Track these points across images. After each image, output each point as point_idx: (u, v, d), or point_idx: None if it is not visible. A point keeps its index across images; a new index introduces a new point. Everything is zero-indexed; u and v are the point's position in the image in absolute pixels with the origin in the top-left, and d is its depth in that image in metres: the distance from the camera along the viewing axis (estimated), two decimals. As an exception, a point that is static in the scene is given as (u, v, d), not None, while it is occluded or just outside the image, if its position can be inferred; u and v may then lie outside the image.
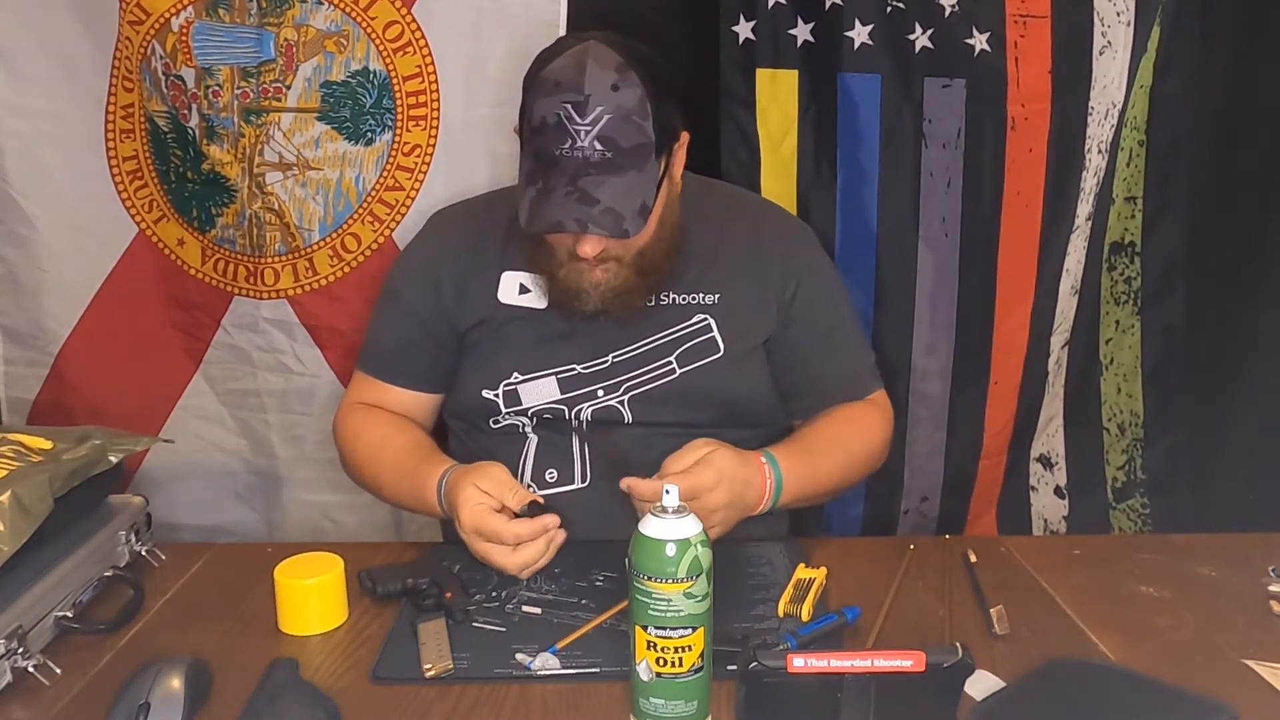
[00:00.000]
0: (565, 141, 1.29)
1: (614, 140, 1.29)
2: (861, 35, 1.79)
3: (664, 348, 1.47)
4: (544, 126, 1.30)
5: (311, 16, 1.78)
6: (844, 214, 1.87)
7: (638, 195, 1.32)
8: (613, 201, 1.30)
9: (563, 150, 1.29)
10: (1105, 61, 1.82)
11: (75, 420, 1.89)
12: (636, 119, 1.30)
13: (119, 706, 1.01)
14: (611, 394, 1.46)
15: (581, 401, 1.46)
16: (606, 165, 1.30)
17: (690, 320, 1.47)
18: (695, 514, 1.01)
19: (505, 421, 1.49)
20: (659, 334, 1.47)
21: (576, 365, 1.47)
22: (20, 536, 1.13)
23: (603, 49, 1.32)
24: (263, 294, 1.89)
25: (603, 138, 1.29)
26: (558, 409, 1.47)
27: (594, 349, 1.47)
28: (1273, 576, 1.29)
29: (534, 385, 1.47)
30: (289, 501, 1.98)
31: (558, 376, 1.47)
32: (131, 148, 1.86)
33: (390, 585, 1.27)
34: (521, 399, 1.47)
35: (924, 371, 1.94)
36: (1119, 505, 2.08)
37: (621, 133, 1.29)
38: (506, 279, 1.50)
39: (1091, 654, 1.15)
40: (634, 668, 0.99)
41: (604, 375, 1.47)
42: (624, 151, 1.30)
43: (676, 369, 1.46)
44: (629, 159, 1.30)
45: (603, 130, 1.29)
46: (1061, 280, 1.92)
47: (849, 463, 1.51)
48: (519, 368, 1.47)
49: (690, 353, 1.46)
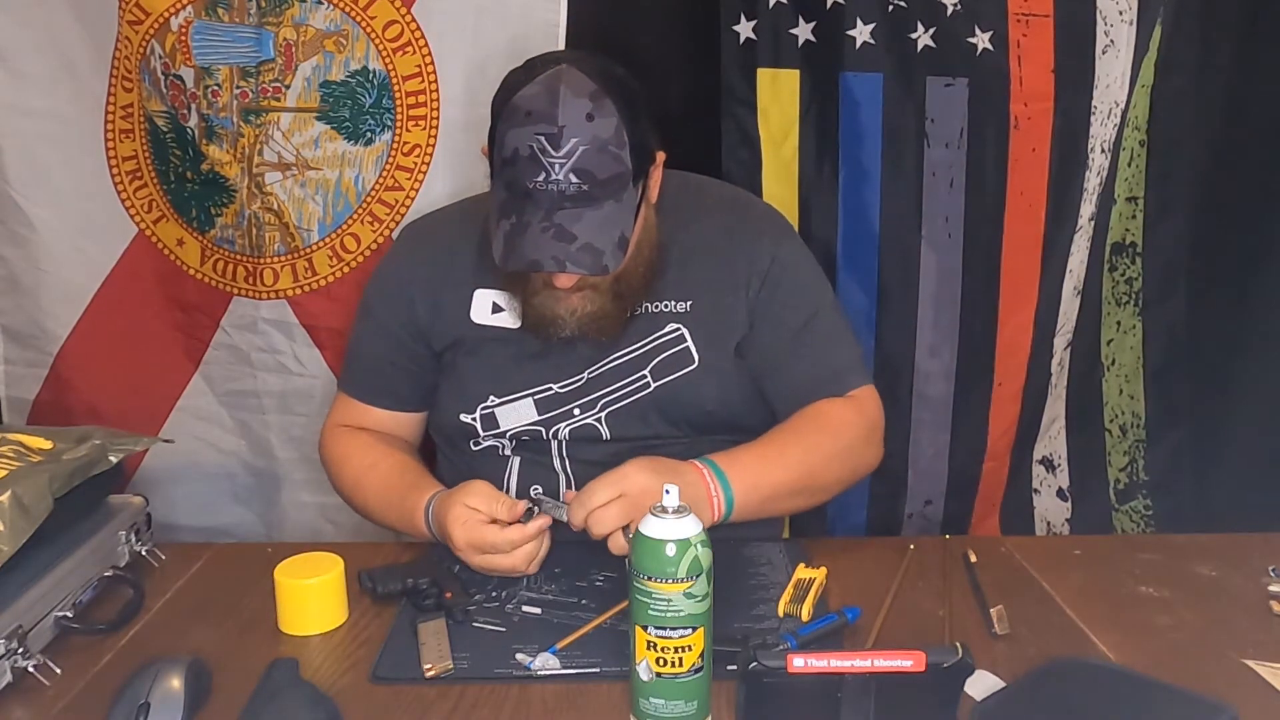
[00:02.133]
0: (539, 174, 1.25)
1: (590, 173, 1.25)
2: (863, 34, 1.79)
3: (637, 361, 1.44)
4: (516, 158, 1.26)
5: (311, 16, 1.77)
6: (846, 214, 1.86)
7: (615, 227, 1.29)
8: (590, 236, 1.27)
9: (537, 184, 1.25)
10: (1108, 60, 1.81)
11: (75, 420, 1.89)
12: (613, 148, 1.26)
13: (119, 706, 1.01)
14: (588, 411, 1.44)
15: (559, 422, 1.45)
16: (583, 198, 1.26)
17: (663, 330, 1.44)
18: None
19: (485, 444, 1.48)
20: (632, 346, 1.44)
21: (553, 385, 1.45)
22: (20, 536, 1.13)
23: (576, 75, 1.28)
24: (262, 294, 1.89)
25: (578, 170, 1.25)
26: (535, 430, 1.45)
27: (569, 367, 1.44)
28: (1273, 576, 1.29)
29: (511, 408, 1.45)
30: (288, 502, 1.98)
31: (534, 398, 1.45)
32: (131, 148, 1.86)
33: (390, 585, 1.27)
34: (499, 422, 1.46)
35: (927, 373, 1.93)
36: (1121, 507, 2.07)
37: (598, 164, 1.25)
38: (479, 297, 1.47)
39: (1091, 654, 1.14)
40: (634, 668, 0.99)
41: (580, 393, 1.45)
42: (601, 183, 1.26)
43: (651, 383, 1.44)
44: (606, 190, 1.27)
45: (578, 163, 1.25)
46: (1064, 280, 1.92)
47: (812, 462, 1.41)
48: (495, 391, 1.45)
49: (664, 365, 1.44)
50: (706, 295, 1.45)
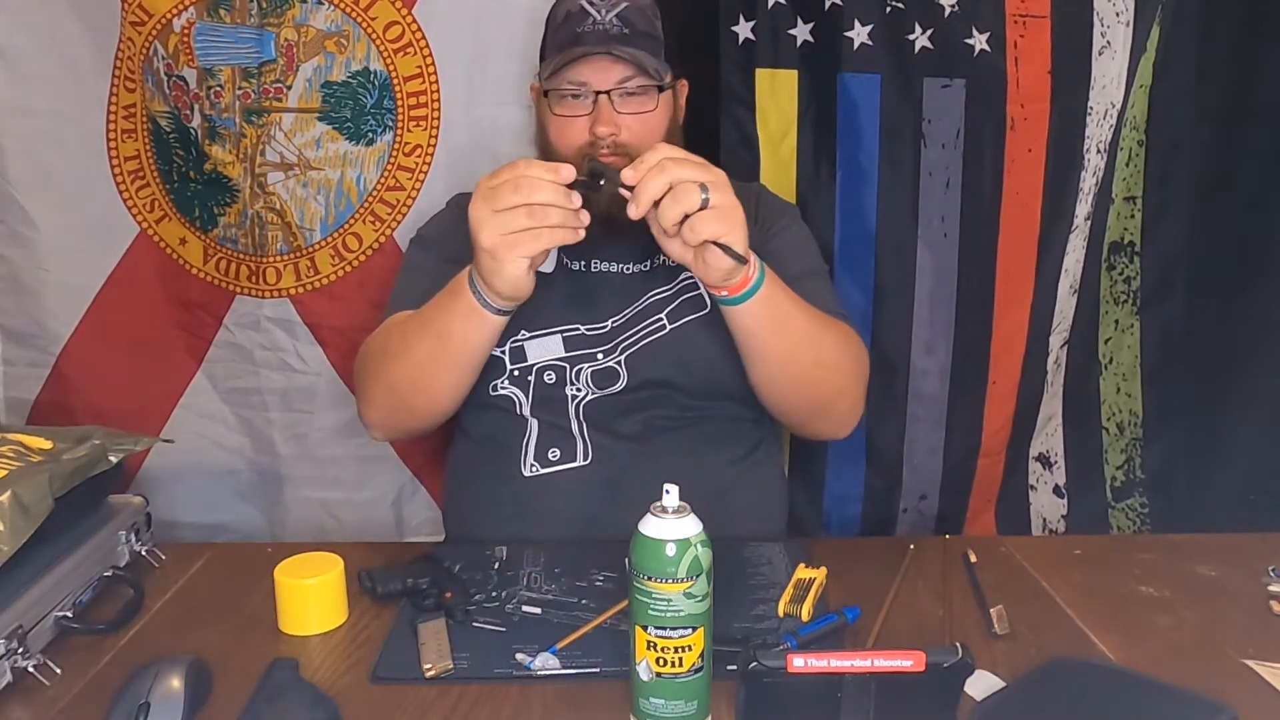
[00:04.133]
0: (587, 20, 1.42)
1: (632, 21, 1.43)
2: (861, 35, 1.79)
3: (654, 305, 1.50)
4: (567, 18, 1.44)
5: (312, 17, 1.78)
6: (843, 214, 1.87)
7: (656, 64, 1.43)
8: (637, 58, 1.41)
9: (584, 27, 1.42)
10: (1105, 61, 1.82)
11: (77, 420, 1.89)
12: (649, 14, 1.45)
13: (119, 706, 1.01)
14: (609, 356, 1.48)
15: (582, 362, 1.48)
16: (626, 39, 1.41)
17: (680, 278, 1.50)
18: (721, 199, 1.14)
19: (504, 389, 1.49)
20: (654, 292, 1.50)
21: (580, 326, 1.49)
22: (20, 536, 1.13)
23: None
24: (265, 293, 1.89)
25: (622, 17, 1.42)
26: (560, 367, 1.48)
27: (597, 312, 1.49)
28: (1273, 576, 1.29)
29: (540, 342, 1.49)
30: (291, 499, 1.99)
31: (563, 335, 1.49)
32: (133, 148, 1.87)
33: (390, 585, 1.26)
34: (528, 355, 1.48)
35: (923, 371, 1.93)
36: (1118, 505, 2.08)
37: (638, 17, 1.43)
38: None
39: (1091, 654, 1.15)
40: (634, 668, 0.99)
41: (605, 339, 1.49)
42: (641, 34, 1.43)
43: (666, 324, 1.49)
44: (645, 42, 1.43)
45: (621, 12, 1.43)
46: (1060, 280, 1.92)
47: (823, 336, 1.39)
48: (526, 325, 1.48)
49: (679, 309, 1.49)
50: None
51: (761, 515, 1.55)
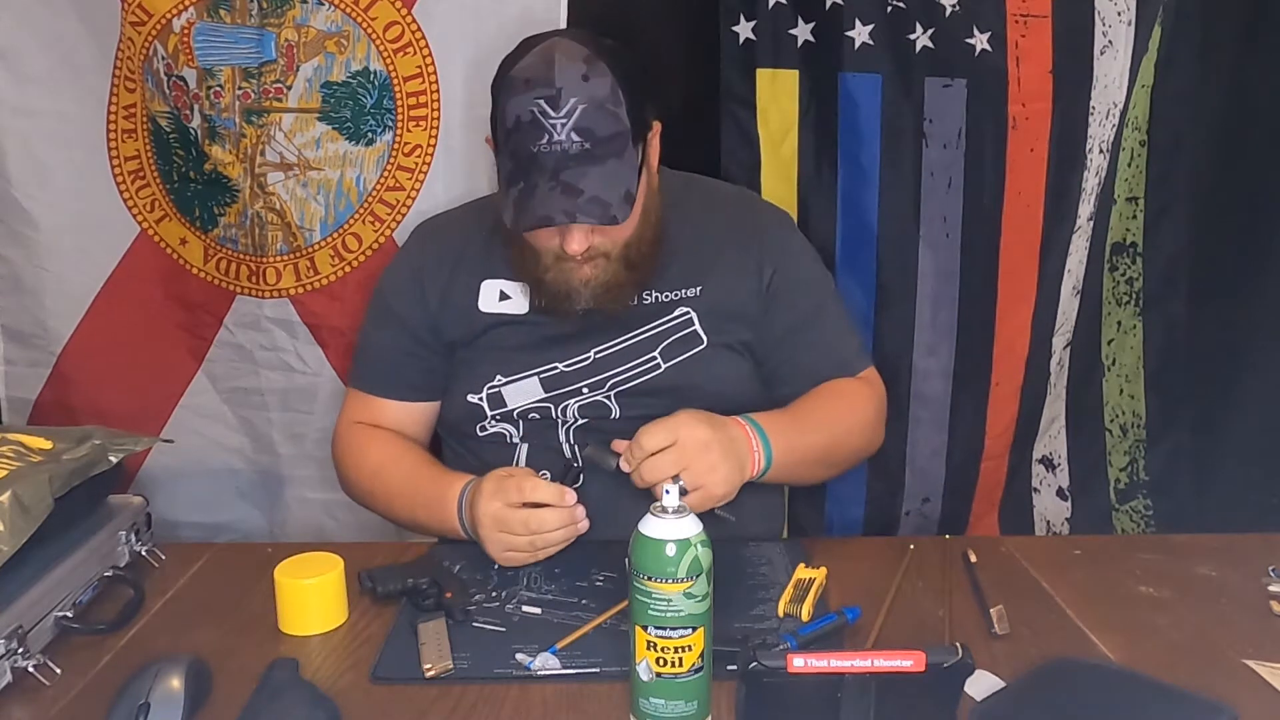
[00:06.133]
0: (542, 137, 1.28)
1: (591, 130, 1.29)
2: (862, 35, 1.79)
3: (647, 343, 1.47)
4: (519, 125, 1.30)
5: (312, 17, 1.78)
6: (845, 214, 1.86)
7: (621, 183, 1.32)
8: (597, 190, 1.30)
9: (540, 146, 1.29)
10: (1106, 61, 1.81)
11: (77, 419, 1.89)
12: (610, 107, 1.30)
13: (119, 706, 1.01)
14: (598, 390, 1.46)
15: (567, 399, 1.46)
16: (586, 156, 1.29)
17: (672, 315, 1.47)
18: (697, 482, 1.12)
19: (492, 429, 1.49)
20: (641, 329, 1.47)
21: (558, 365, 1.47)
22: (20, 536, 1.13)
23: (568, 43, 1.33)
24: (265, 293, 1.89)
25: (579, 129, 1.28)
26: (543, 407, 1.47)
27: (575, 348, 1.47)
28: (1273, 576, 1.29)
29: (517, 386, 1.47)
30: (291, 499, 1.99)
31: (540, 376, 1.47)
32: (134, 148, 1.87)
33: (390, 585, 1.27)
34: (506, 401, 1.47)
35: (925, 372, 1.93)
36: (1121, 507, 2.07)
37: (597, 122, 1.29)
38: (486, 287, 1.50)
39: (1091, 654, 1.14)
40: (634, 668, 0.99)
41: (588, 372, 1.47)
42: (602, 140, 1.30)
43: (662, 364, 1.46)
44: (607, 147, 1.30)
45: (578, 122, 1.28)
46: (1063, 280, 1.92)
47: (836, 431, 1.47)
48: (501, 371, 1.48)
49: (674, 346, 1.47)
50: (716, 281, 1.49)
51: (764, 522, 1.54)
